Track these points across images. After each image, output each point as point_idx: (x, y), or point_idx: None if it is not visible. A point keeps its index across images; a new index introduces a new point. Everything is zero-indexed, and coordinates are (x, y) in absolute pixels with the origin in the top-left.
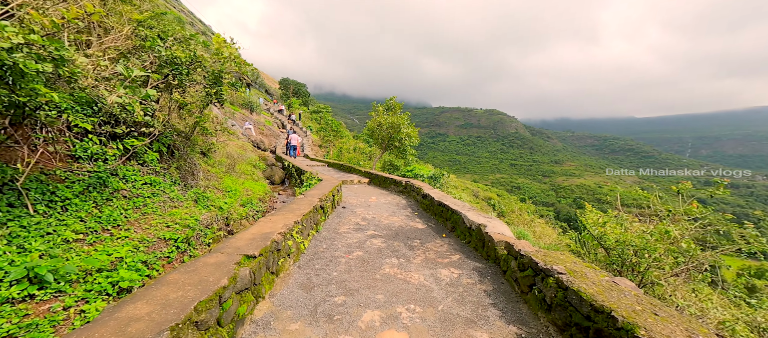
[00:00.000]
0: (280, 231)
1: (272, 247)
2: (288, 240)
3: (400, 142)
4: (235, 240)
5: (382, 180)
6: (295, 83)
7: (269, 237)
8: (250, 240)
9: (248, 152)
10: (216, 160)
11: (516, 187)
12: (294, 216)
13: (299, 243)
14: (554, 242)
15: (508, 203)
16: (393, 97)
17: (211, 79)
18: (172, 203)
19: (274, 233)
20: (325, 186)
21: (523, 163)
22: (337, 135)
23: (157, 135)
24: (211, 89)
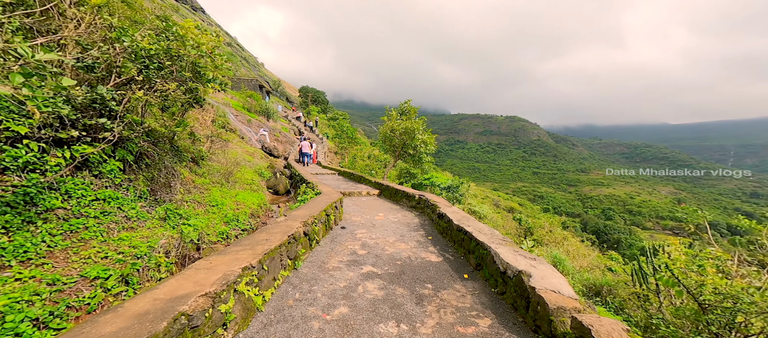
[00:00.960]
0: (206, 293)
1: (178, 328)
2: (223, 304)
3: (414, 150)
4: (114, 317)
5: (393, 193)
6: (314, 91)
7: (177, 306)
8: (140, 315)
9: (257, 159)
10: (208, 168)
11: (539, 196)
12: (249, 257)
13: (251, 299)
14: (593, 264)
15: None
16: (408, 101)
17: (186, 76)
18: (129, 223)
19: (194, 296)
20: (318, 203)
21: (547, 171)
22: (353, 142)
23: (118, 140)
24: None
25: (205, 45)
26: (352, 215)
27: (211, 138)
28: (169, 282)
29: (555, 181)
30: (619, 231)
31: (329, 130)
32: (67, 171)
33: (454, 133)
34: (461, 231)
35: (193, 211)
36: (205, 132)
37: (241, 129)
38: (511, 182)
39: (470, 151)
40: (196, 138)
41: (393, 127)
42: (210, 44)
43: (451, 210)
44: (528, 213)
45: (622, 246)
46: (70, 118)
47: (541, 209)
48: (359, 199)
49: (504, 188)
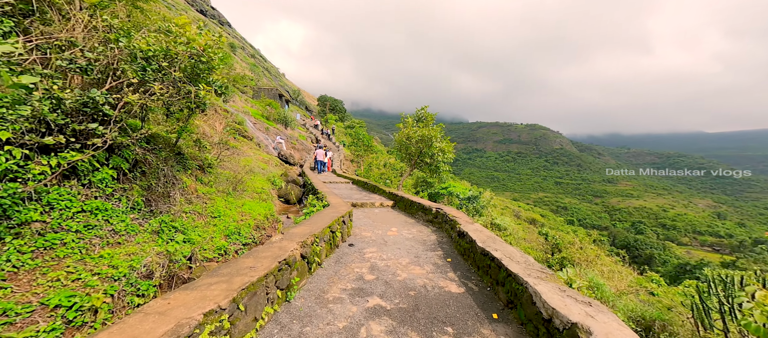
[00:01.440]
0: None
1: None
2: None
3: (431, 158)
4: None
5: (408, 205)
6: (332, 100)
7: None
8: None
9: (271, 167)
10: (217, 176)
11: (562, 207)
12: (222, 294)
13: None
14: (632, 287)
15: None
16: (424, 107)
17: (178, 76)
18: (115, 238)
19: None
20: (323, 218)
21: (570, 181)
22: (368, 150)
23: (114, 147)
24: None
25: (196, 41)
26: (362, 229)
27: (219, 145)
28: (99, 336)
29: (579, 192)
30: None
31: (346, 138)
32: (53, 179)
33: (472, 142)
34: (487, 256)
35: (191, 223)
36: (214, 138)
37: (258, 136)
38: (532, 192)
39: (489, 159)
40: (202, 145)
41: (409, 135)
42: (201, 41)
43: (473, 227)
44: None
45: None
46: (58, 122)
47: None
48: (372, 211)
49: (525, 198)
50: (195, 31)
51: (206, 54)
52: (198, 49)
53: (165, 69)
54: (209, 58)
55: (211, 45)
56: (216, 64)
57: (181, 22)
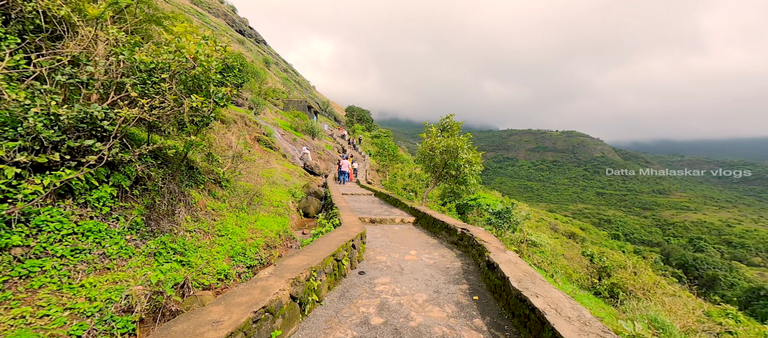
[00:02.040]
0: None
1: None
2: None
3: (457, 170)
4: None
5: (430, 222)
6: (359, 110)
7: None
8: None
9: (295, 178)
10: (233, 190)
11: (605, 220)
12: None
13: None
14: (703, 322)
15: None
16: (450, 116)
17: (185, 90)
18: (105, 263)
19: None
20: (329, 243)
21: (614, 191)
22: (394, 159)
23: (116, 163)
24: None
25: (186, 49)
26: (377, 252)
27: (234, 158)
28: None
29: (625, 204)
30: (715, 266)
31: (372, 148)
32: (47, 199)
33: (502, 150)
34: (524, 303)
35: (194, 244)
36: (229, 152)
37: (285, 147)
38: (571, 203)
39: (521, 168)
40: (214, 158)
41: (433, 145)
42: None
43: (506, 257)
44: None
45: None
46: (52, 139)
47: (609, 235)
48: (391, 229)
49: (562, 209)
50: (194, 40)
51: (200, 63)
52: (188, 57)
53: (164, 81)
54: (206, 67)
55: (209, 54)
56: (213, 74)
57: (179, 31)
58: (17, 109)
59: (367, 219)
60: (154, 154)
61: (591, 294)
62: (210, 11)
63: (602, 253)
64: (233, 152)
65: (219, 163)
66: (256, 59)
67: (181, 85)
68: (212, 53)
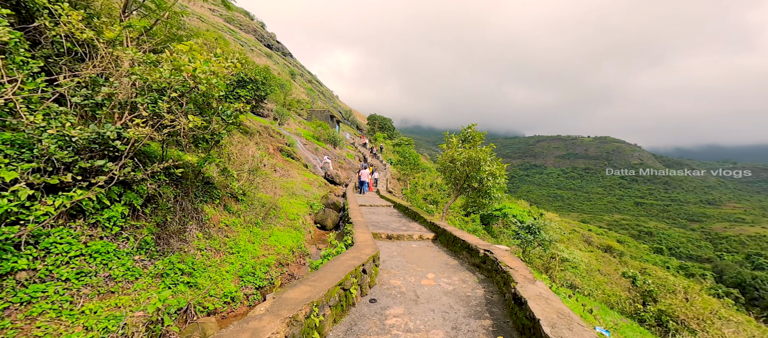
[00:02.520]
0: None
1: None
2: None
3: (480, 183)
4: None
5: (450, 240)
6: (381, 118)
7: None
8: None
9: (315, 188)
10: (250, 204)
11: (645, 232)
12: None
13: None
14: None
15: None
16: (471, 126)
17: (196, 107)
18: (110, 285)
19: None
20: (337, 268)
21: (656, 201)
22: (415, 168)
23: (124, 181)
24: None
25: (185, 66)
26: (392, 274)
27: (251, 172)
28: None
29: (668, 215)
30: None
31: (393, 156)
32: (60, 220)
33: (529, 157)
34: None
35: (204, 263)
36: (245, 166)
37: (306, 157)
38: (606, 214)
39: (550, 176)
40: (229, 172)
41: (453, 157)
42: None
43: (535, 291)
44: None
45: None
46: (65, 160)
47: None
48: (408, 246)
49: (595, 220)
50: (200, 58)
51: (200, 81)
52: (186, 76)
53: (175, 101)
54: (208, 85)
55: (215, 71)
56: (216, 91)
57: (183, 49)
58: (34, 131)
59: (384, 235)
60: (167, 171)
61: (635, 324)
62: (241, 28)
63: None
64: (250, 166)
65: (234, 177)
66: (282, 71)
67: (191, 103)
68: (220, 70)
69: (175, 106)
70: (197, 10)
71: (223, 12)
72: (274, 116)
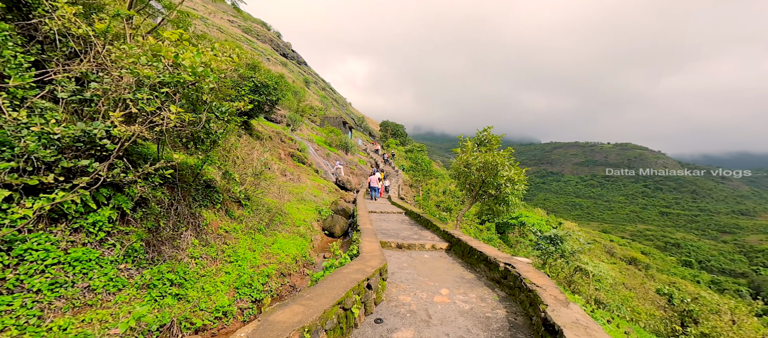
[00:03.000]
0: None
1: None
2: None
3: (497, 190)
4: None
5: (466, 251)
6: (393, 125)
7: None
8: None
9: (325, 194)
10: (250, 210)
11: (672, 244)
12: None
13: None
14: None
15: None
16: (487, 128)
17: (189, 104)
18: (88, 298)
19: None
20: (337, 284)
21: (683, 211)
22: (427, 175)
23: (115, 184)
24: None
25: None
26: (401, 289)
27: (254, 175)
28: None
29: (697, 225)
30: None
31: (405, 162)
32: (40, 224)
33: (546, 164)
34: None
35: (198, 272)
36: (248, 169)
37: (317, 162)
38: (628, 223)
39: (568, 184)
40: (231, 175)
41: (468, 161)
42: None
43: (571, 317)
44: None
45: None
46: (47, 160)
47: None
48: (420, 256)
49: (617, 230)
50: (192, 49)
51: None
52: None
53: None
54: (196, 76)
55: (206, 62)
56: (205, 84)
57: (172, 38)
58: (15, 128)
59: (393, 243)
60: (162, 174)
61: None
62: (258, 38)
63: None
64: (253, 169)
65: (236, 180)
66: (296, 79)
67: (183, 98)
68: (213, 62)
69: (162, 99)
70: (217, 21)
71: (242, 23)
72: (287, 122)
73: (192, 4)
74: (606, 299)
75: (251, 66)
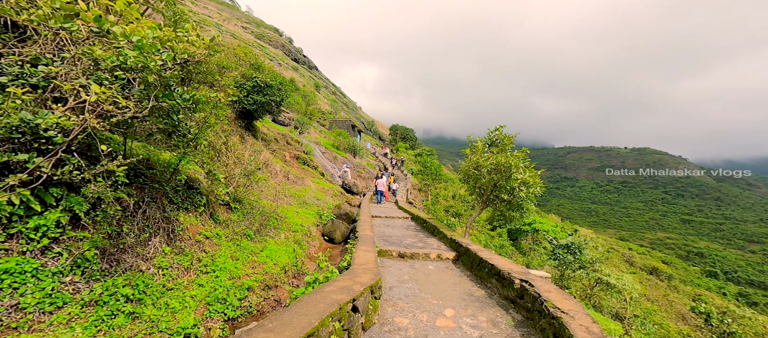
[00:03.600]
0: None
1: None
2: None
3: (511, 194)
4: None
5: (475, 263)
6: (403, 128)
7: None
8: None
9: (328, 197)
10: (241, 214)
11: (695, 253)
12: None
13: None
14: None
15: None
16: (499, 127)
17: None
18: (16, 318)
19: None
20: (315, 308)
21: (706, 219)
22: (436, 179)
23: (61, 182)
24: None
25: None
26: (398, 308)
27: (245, 175)
28: None
29: (722, 234)
30: None
31: (414, 166)
32: None
33: (559, 169)
34: None
35: (164, 285)
36: (236, 170)
37: (324, 165)
38: (647, 231)
39: (582, 189)
40: (214, 176)
41: (478, 163)
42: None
43: None
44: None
45: None
46: None
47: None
48: (424, 268)
49: (635, 238)
50: (149, 22)
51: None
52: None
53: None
54: (145, 53)
55: (158, 38)
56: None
57: (120, 4)
58: None
59: (395, 252)
60: (132, 171)
61: None
62: (270, 43)
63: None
64: (244, 169)
65: (221, 181)
66: (307, 83)
67: (142, 84)
68: (173, 41)
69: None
70: (231, 28)
71: (255, 29)
72: (294, 125)
73: (207, 11)
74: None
75: (255, 66)
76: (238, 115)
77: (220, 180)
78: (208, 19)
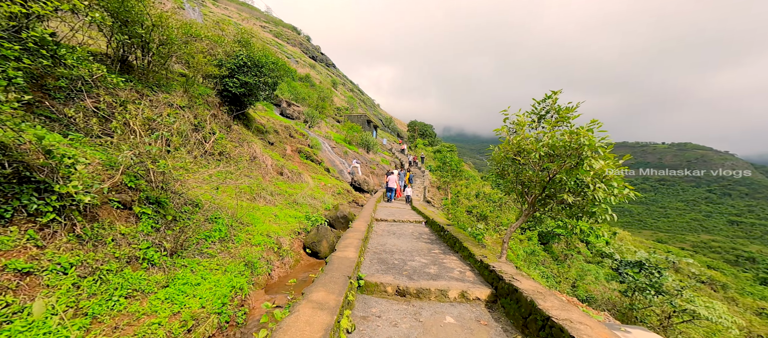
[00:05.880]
0: None
1: None
2: None
3: (581, 195)
4: None
5: (529, 315)
6: (421, 125)
7: None
8: None
9: (328, 196)
10: (153, 221)
11: (745, 257)
12: None
13: None
14: None
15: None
16: (555, 92)
17: None
18: None
19: None
20: None
21: (758, 220)
22: (457, 175)
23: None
24: None
25: None
26: None
27: (152, 159)
28: None
29: None
30: None
31: (432, 162)
32: None
33: None
34: None
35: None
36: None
37: (332, 160)
38: (688, 233)
39: None
40: (65, 161)
41: (521, 146)
42: None
43: None
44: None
45: None
46: None
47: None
48: (437, 320)
49: (675, 240)
50: None
51: None
52: None
53: None
54: None
55: None
56: None
57: None
58: None
59: (391, 288)
60: None
61: None
62: (288, 41)
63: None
64: (141, 150)
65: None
66: (324, 80)
67: None
68: None
69: None
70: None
71: (273, 28)
72: (304, 118)
73: (227, 11)
74: None
75: (244, 43)
76: (222, 100)
77: (74, 167)
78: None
